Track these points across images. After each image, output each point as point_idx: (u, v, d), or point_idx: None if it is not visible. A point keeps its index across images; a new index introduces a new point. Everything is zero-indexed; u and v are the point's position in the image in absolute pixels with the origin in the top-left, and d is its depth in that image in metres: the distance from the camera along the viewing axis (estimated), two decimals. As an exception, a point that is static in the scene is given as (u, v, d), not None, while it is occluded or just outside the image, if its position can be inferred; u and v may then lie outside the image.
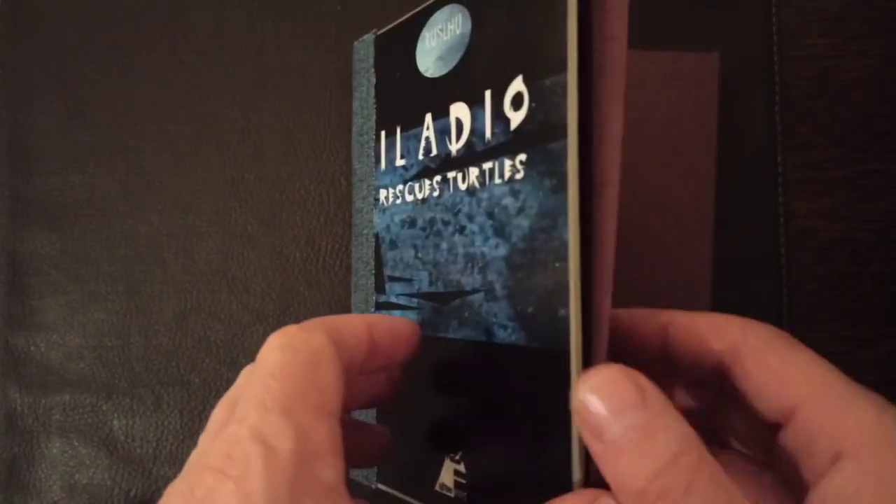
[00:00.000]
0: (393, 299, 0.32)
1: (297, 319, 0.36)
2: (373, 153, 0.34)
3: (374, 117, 0.34)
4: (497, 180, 0.26)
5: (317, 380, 0.20)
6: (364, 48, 0.35)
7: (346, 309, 0.37)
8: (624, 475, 0.18)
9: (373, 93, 0.34)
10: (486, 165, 0.27)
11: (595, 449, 0.19)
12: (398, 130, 0.32)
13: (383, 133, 0.33)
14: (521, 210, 0.25)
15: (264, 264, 0.38)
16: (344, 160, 0.38)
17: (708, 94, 0.35)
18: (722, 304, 0.34)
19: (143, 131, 0.38)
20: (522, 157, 0.25)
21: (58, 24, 0.38)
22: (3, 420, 0.38)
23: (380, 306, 0.33)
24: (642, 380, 0.19)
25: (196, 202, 0.38)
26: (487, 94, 0.27)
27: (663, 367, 0.24)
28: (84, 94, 0.39)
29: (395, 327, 0.25)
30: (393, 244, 0.32)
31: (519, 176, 0.25)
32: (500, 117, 0.26)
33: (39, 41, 0.38)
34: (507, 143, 0.26)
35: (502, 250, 0.26)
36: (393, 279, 0.32)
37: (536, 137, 0.24)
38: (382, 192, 0.33)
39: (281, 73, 0.38)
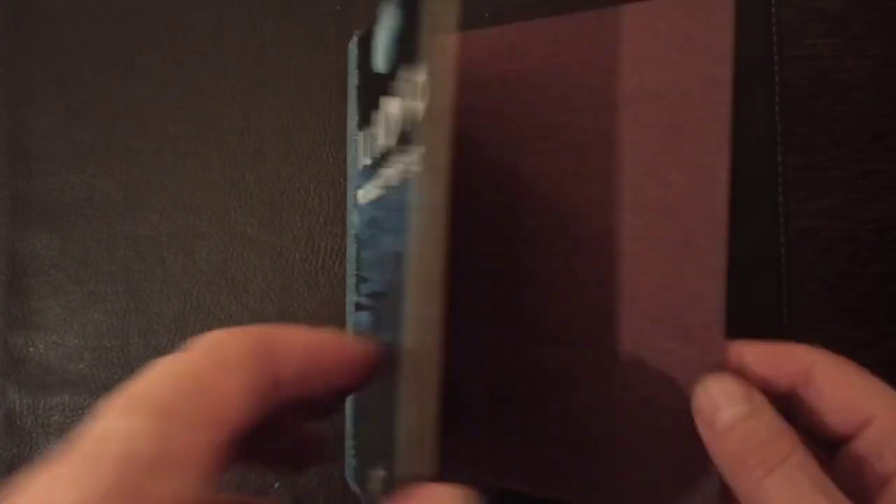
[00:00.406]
0: (361, 299, 0.32)
1: (296, 320, 0.36)
2: (354, 154, 0.34)
3: (356, 118, 0.34)
4: (411, 175, 0.25)
5: (216, 386, 0.19)
6: (353, 50, 0.35)
7: (343, 308, 0.37)
8: (732, 447, 0.22)
9: (355, 94, 0.34)
10: (406, 159, 0.26)
11: (706, 436, 0.23)
12: (365, 130, 0.32)
13: (361, 133, 0.33)
14: (413, 205, 0.24)
15: (264, 264, 0.38)
16: (343, 160, 0.38)
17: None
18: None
19: (143, 131, 0.38)
20: (422, 149, 0.24)
21: (58, 24, 0.38)
22: (2, 421, 0.38)
23: (356, 306, 0.32)
24: (751, 386, 0.24)
25: (196, 202, 0.38)
26: (407, 86, 0.26)
27: None
28: (84, 94, 0.39)
29: (343, 350, 0.23)
30: (363, 243, 0.32)
31: (420, 169, 0.24)
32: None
33: (39, 41, 0.38)
34: (414, 136, 0.25)
35: (402, 247, 0.25)
36: (360, 279, 0.32)
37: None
38: (359, 192, 0.33)
39: (281, 73, 0.38)
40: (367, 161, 0.31)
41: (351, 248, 0.34)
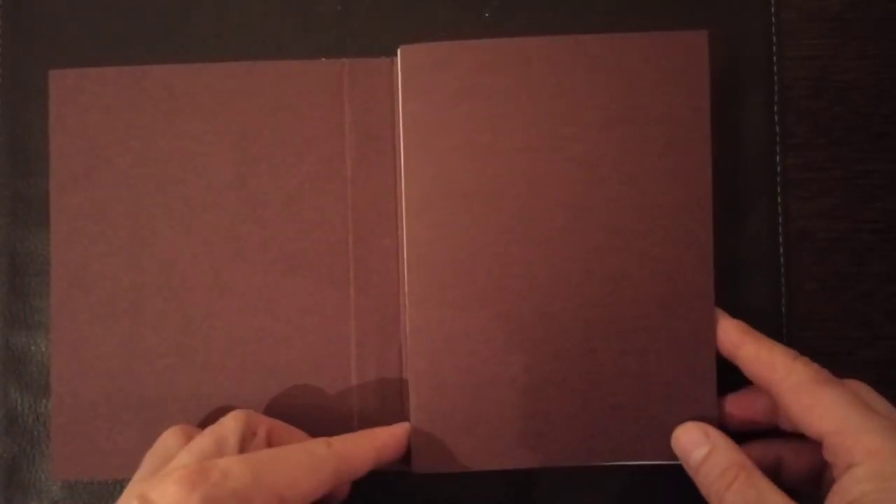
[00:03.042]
0: None
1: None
2: None
3: None
4: None
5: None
6: None
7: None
8: (702, 479, 0.31)
9: None
10: None
11: (689, 472, 0.32)
12: None
13: None
14: None
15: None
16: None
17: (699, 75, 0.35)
18: (722, 304, 0.34)
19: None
20: None
21: (58, 24, 0.38)
22: (4, 420, 0.38)
23: None
24: (708, 428, 0.32)
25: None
26: None
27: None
28: (84, 94, 0.39)
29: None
30: None
31: None
32: None
33: (39, 41, 0.38)
34: None
35: None
36: None
37: None
38: None
39: (281, 73, 0.38)
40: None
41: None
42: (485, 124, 0.34)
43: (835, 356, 0.36)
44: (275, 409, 0.35)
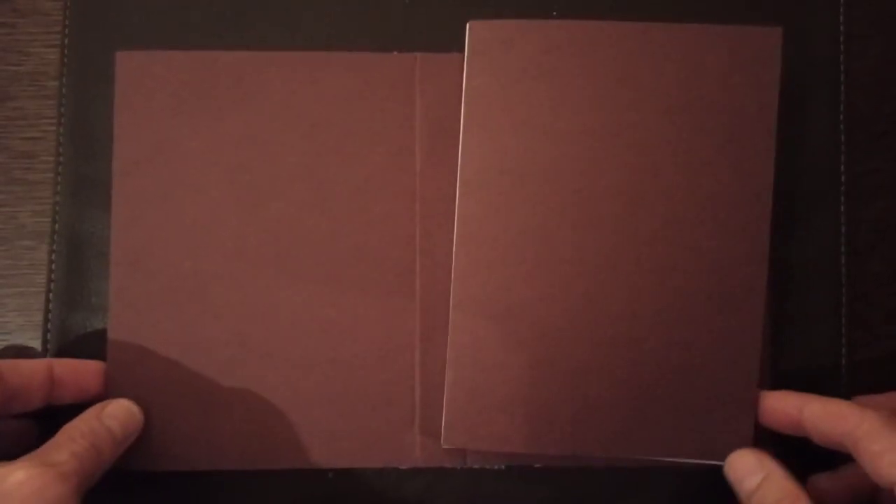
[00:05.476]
0: None
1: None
2: None
3: None
4: None
5: None
6: None
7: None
8: None
9: None
10: None
11: (739, 497, 0.32)
12: None
13: None
14: None
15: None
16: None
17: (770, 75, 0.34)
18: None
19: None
20: None
21: (125, 7, 0.37)
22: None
23: None
24: (763, 455, 0.32)
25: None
26: None
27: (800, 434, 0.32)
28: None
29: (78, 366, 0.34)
30: None
31: None
32: None
33: (106, 24, 0.37)
34: None
35: None
36: None
37: None
38: None
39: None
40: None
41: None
42: (547, 105, 0.34)
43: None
44: (335, 402, 0.35)
